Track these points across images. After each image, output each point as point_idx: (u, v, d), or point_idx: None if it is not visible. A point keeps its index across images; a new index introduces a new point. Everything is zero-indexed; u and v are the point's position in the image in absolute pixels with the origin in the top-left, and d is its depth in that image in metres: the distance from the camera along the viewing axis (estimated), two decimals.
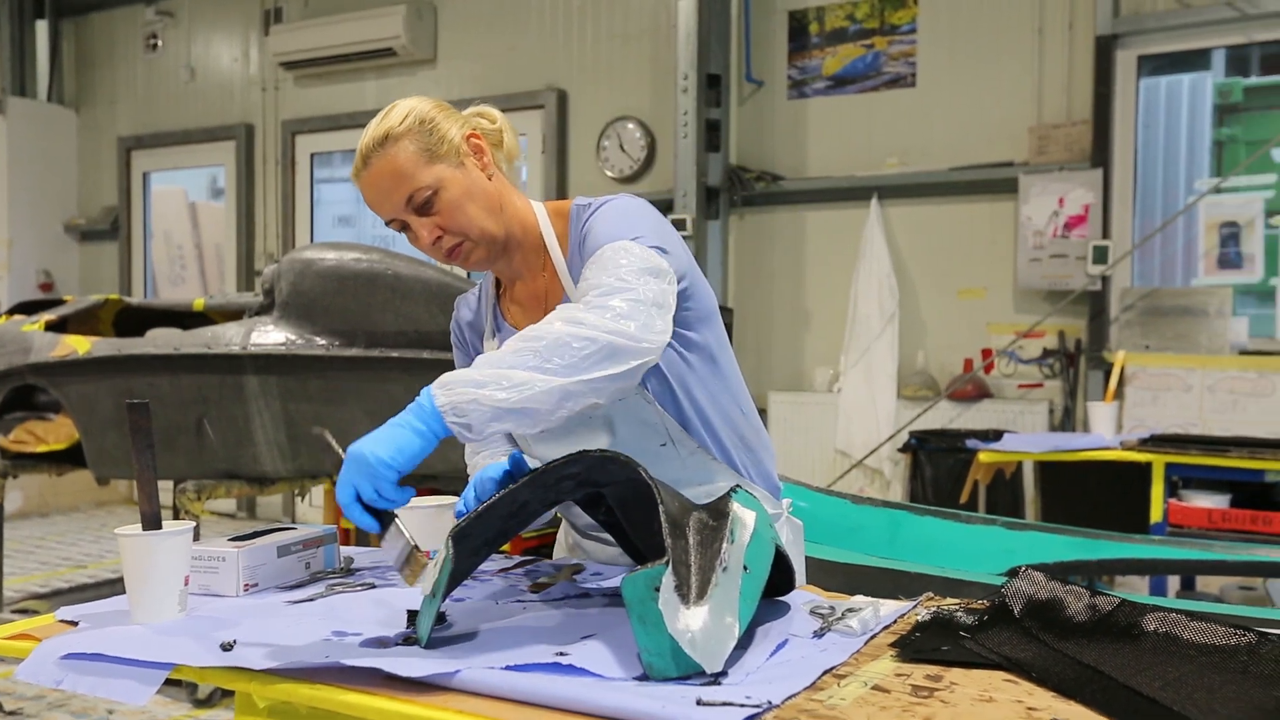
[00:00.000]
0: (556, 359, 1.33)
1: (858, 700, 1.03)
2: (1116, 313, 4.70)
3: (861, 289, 5.11)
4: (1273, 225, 4.54)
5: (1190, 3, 4.57)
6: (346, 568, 1.65)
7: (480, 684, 1.07)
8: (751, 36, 5.46)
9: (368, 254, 3.52)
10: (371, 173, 1.55)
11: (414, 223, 1.55)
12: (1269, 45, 4.63)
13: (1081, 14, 4.76)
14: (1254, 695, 1.04)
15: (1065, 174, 4.74)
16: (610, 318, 1.37)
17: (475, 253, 1.58)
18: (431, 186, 1.53)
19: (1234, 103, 4.75)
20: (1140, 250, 4.73)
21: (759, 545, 1.27)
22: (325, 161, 7.04)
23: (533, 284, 1.66)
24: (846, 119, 5.29)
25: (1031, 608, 1.29)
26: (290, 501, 6.74)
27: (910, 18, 5.15)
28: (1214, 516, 3.36)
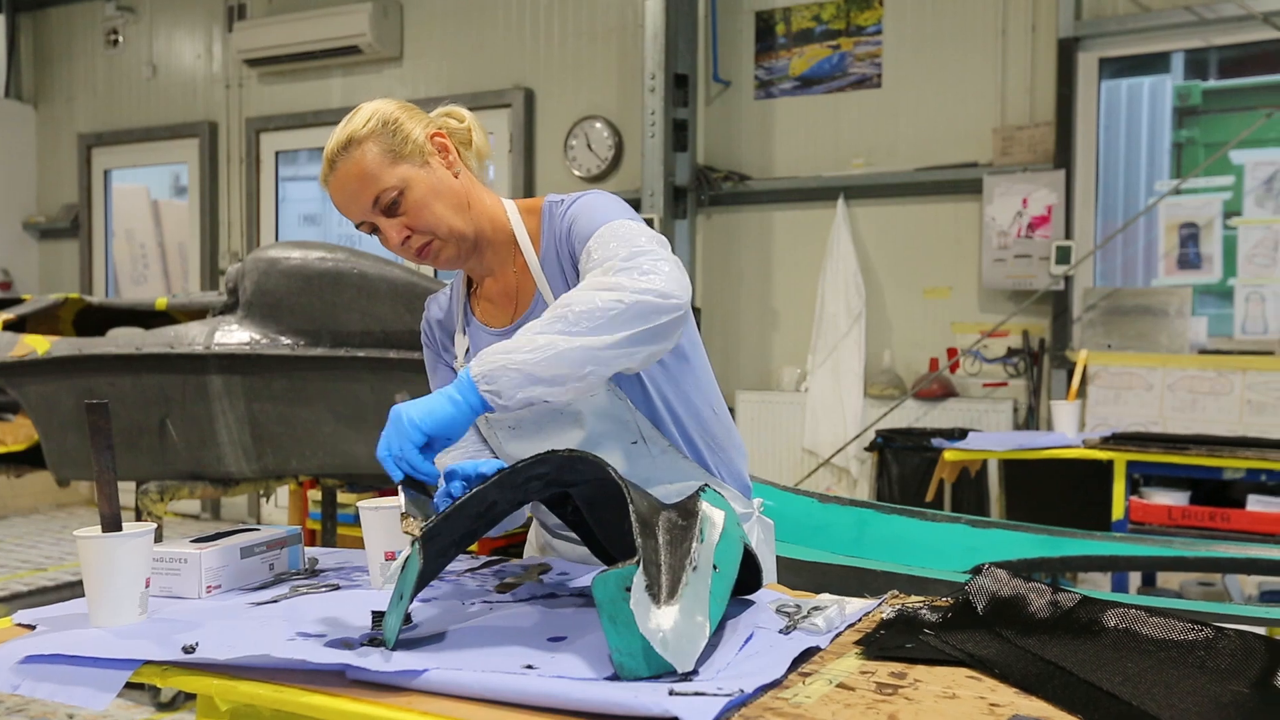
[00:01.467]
0: (585, 321, 1.34)
1: (823, 698, 1.04)
2: (1079, 312, 4.76)
3: (828, 288, 5.14)
4: (1230, 226, 4.61)
5: (1150, 6, 4.63)
6: (311, 569, 1.64)
7: (448, 684, 1.07)
8: (718, 37, 5.48)
9: (333, 253, 3.50)
10: (338, 177, 1.55)
11: (382, 224, 1.56)
12: (1227, 49, 4.70)
13: (1044, 16, 4.81)
14: (1210, 689, 1.05)
15: (1029, 175, 4.79)
16: (637, 276, 1.38)
17: (445, 251, 1.58)
18: (397, 187, 1.54)
19: (1193, 105, 4.82)
20: (1102, 251, 4.79)
21: (728, 544, 1.27)
22: (290, 160, 6.98)
23: (503, 280, 1.66)
24: (813, 119, 5.32)
25: (995, 605, 1.31)
26: (255, 502, 6.68)
27: (876, 19, 5.18)
28: (1174, 513, 3.40)
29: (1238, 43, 4.59)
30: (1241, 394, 4.20)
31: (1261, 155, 4.57)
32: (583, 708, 1.01)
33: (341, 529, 4.29)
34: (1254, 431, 4.05)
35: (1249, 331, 4.54)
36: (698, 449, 1.64)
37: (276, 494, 5.94)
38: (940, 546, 2.74)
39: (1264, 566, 2.60)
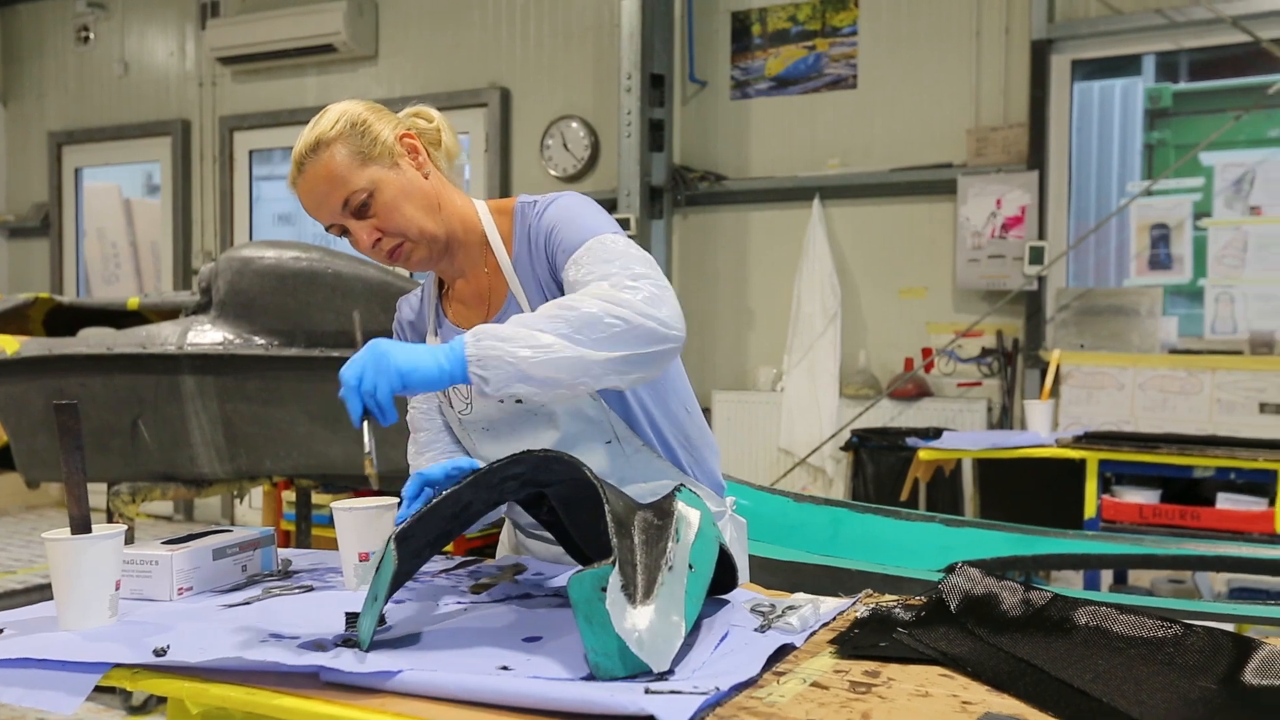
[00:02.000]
0: (588, 332, 1.34)
1: (797, 697, 1.04)
2: (1052, 312, 4.79)
3: (804, 288, 5.15)
4: (1200, 227, 4.66)
5: (1121, 9, 4.67)
6: (284, 570, 1.63)
7: (423, 685, 1.07)
8: (695, 37, 5.48)
9: (307, 252, 3.48)
10: (306, 179, 1.54)
11: (352, 226, 1.55)
12: (1197, 52, 4.75)
13: (1017, 19, 4.85)
14: (1179, 686, 1.06)
15: (1002, 176, 4.82)
16: (642, 299, 1.38)
17: (416, 252, 1.58)
18: (366, 189, 1.53)
19: (1163, 108, 4.87)
20: (1075, 251, 4.83)
21: (704, 544, 1.27)
22: (265, 159, 6.93)
23: (475, 282, 1.66)
24: (789, 120, 5.33)
25: (968, 603, 1.31)
26: (229, 504, 6.63)
27: (851, 20, 5.20)
28: (1145, 512, 3.44)
29: (1207, 46, 4.64)
30: (1211, 393, 4.24)
31: (1230, 157, 4.62)
32: (559, 707, 1.01)
33: (316, 530, 4.27)
34: (1223, 430, 4.09)
35: (1218, 331, 4.59)
36: (671, 448, 1.65)
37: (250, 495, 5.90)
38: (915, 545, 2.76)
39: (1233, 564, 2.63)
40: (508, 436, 1.61)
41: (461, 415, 1.65)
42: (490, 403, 1.60)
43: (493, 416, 1.61)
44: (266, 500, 4.64)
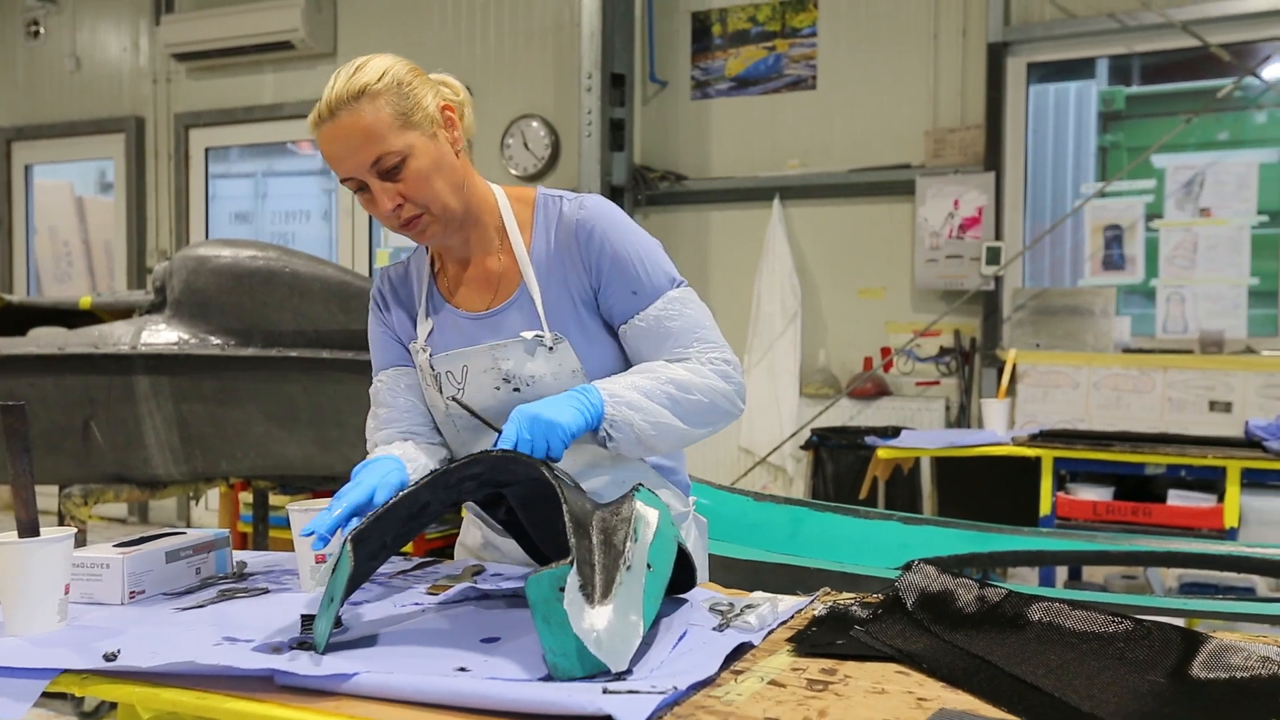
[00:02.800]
0: (693, 416, 1.53)
1: (754, 695, 1.05)
2: (1009, 312, 4.85)
3: (764, 288, 5.18)
4: (1152, 229, 4.74)
5: (1075, 13, 4.74)
6: (240, 572, 1.61)
7: (379, 687, 1.06)
8: (655, 37, 5.49)
9: (265, 251, 3.44)
10: (339, 126, 1.48)
11: (375, 187, 1.50)
12: (1148, 56, 4.82)
13: (974, 21, 4.90)
14: (1129, 680, 1.08)
15: (960, 177, 4.87)
16: (724, 381, 1.57)
17: (433, 227, 1.55)
18: (401, 153, 1.48)
19: (1117, 110, 4.94)
20: (1031, 251, 4.89)
21: (662, 543, 1.28)
22: (221, 156, 6.85)
23: (484, 265, 1.63)
24: (749, 120, 5.35)
25: (923, 600, 1.33)
26: (185, 505, 6.54)
27: (810, 21, 5.23)
28: (1099, 509, 3.49)
29: (1158, 50, 4.71)
30: (1163, 391, 4.31)
31: (1181, 159, 4.70)
32: (516, 708, 1.00)
33: (274, 532, 4.22)
34: (1174, 428, 4.16)
35: (1170, 331, 4.67)
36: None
37: (206, 496, 5.83)
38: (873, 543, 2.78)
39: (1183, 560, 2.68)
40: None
41: (449, 400, 1.62)
42: (486, 391, 1.58)
43: (485, 405, 1.59)
44: (223, 502, 4.58)
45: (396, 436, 1.66)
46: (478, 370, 1.59)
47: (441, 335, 1.63)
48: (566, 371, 1.55)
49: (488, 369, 1.58)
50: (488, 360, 1.58)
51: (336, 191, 6.46)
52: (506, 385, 1.57)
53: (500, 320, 1.59)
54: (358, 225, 6.36)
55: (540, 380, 1.56)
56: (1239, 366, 4.21)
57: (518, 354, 1.56)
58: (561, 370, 1.55)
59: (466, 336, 1.61)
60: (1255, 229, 4.57)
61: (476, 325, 1.61)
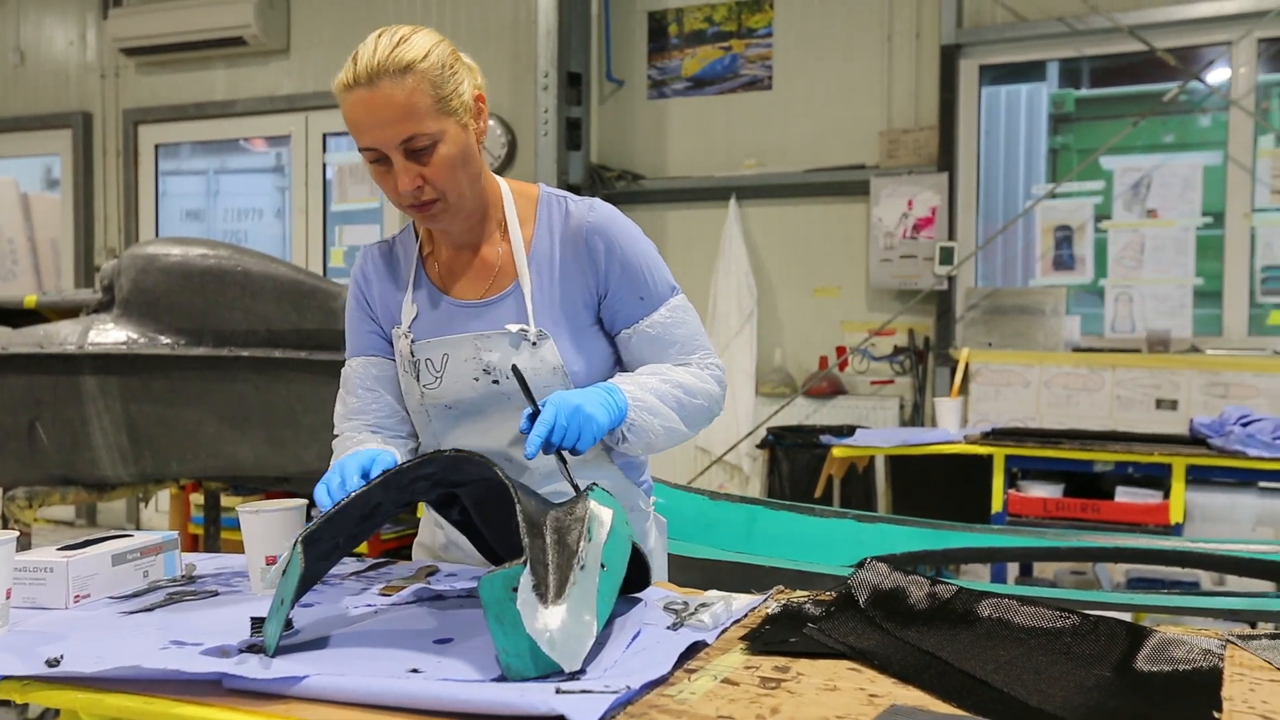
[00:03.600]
0: (692, 418, 1.58)
1: (708, 694, 1.05)
2: (961, 311, 4.90)
3: (721, 288, 5.20)
4: (1101, 229, 4.81)
5: (1026, 16, 4.80)
6: (189, 575, 1.59)
7: (329, 690, 1.05)
8: (611, 36, 5.49)
9: (215, 250, 3.40)
10: (377, 95, 1.44)
11: (399, 164, 1.47)
12: (1097, 60, 4.90)
13: (927, 23, 4.95)
14: (1076, 675, 1.10)
15: (913, 177, 4.91)
16: (719, 386, 1.64)
17: (445, 215, 1.53)
18: (434, 136, 1.47)
19: (1067, 113, 5.01)
20: (983, 252, 4.95)
21: (616, 542, 1.27)
22: (172, 153, 6.75)
23: (481, 255, 1.62)
24: (705, 120, 5.36)
25: (876, 597, 1.34)
26: (134, 507, 6.44)
27: (766, 21, 5.25)
28: (1049, 505, 3.54)
29: (1107, 54, 4.79)
30: (1111, 390, 4.38)
31: (1129, 161, 4.78)
32: (468, 709, 1.00)
33: (225, 533, 4.17)
34: (1122, 426, 4.23)
35: (1118, 330, 4.75)
36: (616, 452, 1.65)
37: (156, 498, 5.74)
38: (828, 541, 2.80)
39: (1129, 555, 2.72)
40: (471, 417, 1.58)
41: (427, 389, 1.59)
42: (464, 382, 1.57)
43: (462, 395, 1.58)
44: (173, 503, 4.51)
45: (364, 429, 1.65)
46: (458, 359, 1.57)
47: (425, 321, 1.61)
48: (548, 368, 1.55)
49: (469, 359, 1.56)
50: (470, 350, 1.56)
51: (290, 189, 6.39)
52: (486, 377, 1.56)
53: (491, 311, 1.58)
54: (311, 224, 6.29)
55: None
56: (1184, 365, 4.29)
57: (502, 346, 1.55)
58: (543, 367, 1.55)
59: (451, 324, 1.60)
60: (1200, 230, 4.66)
61: (465, 314, 1.60)
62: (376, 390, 1.66)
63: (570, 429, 1.39)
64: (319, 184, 6.27)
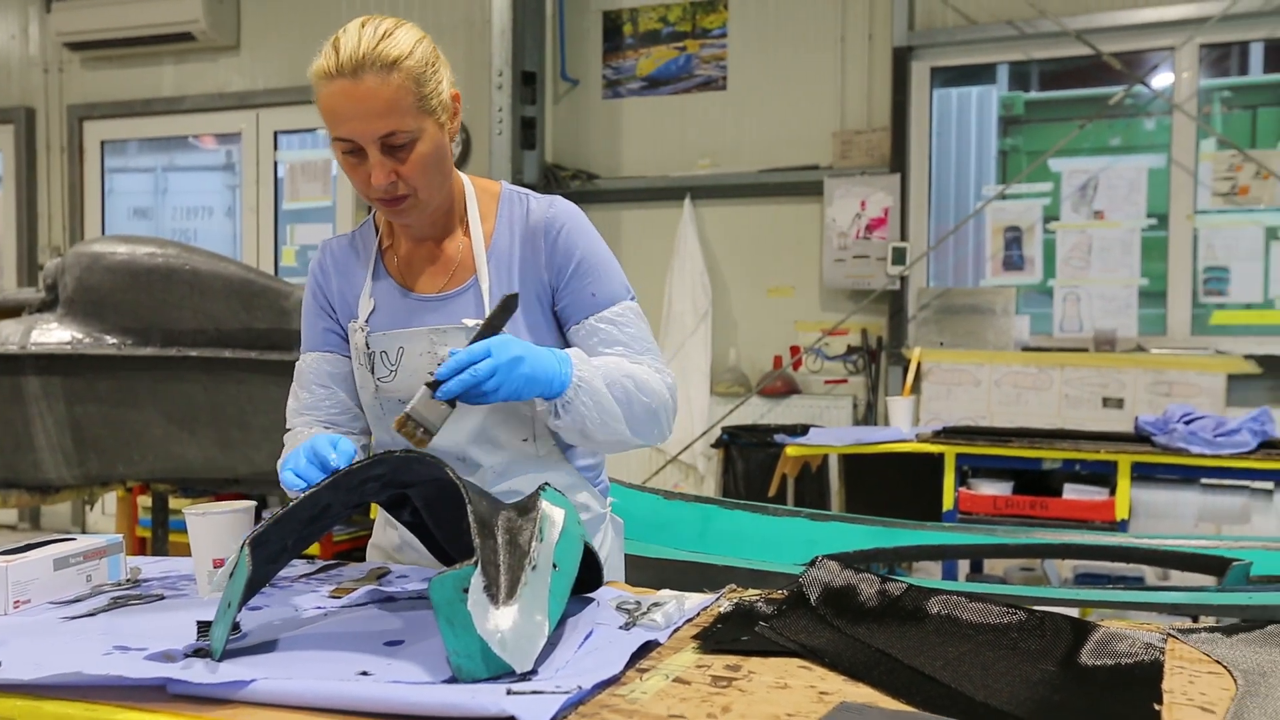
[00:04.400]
0: (637, 421, 1.54)
1: (659, 693, 1.05)
2: (914, 311, 4.95)
3: (676, 287, 5.21)
4: (1050, 230, 4.89)
5: (976, 19, 4.86)
6: (133, 579, 1.56)
7: (276, 694, 1.03)
8: (566, 35, 5.48)
9: (164, 248, 3.35)
10: (360, 88, 1.42)
11: (374, 158, 1.46)
12: (1045, 63, 4.98)
13: (880, 25, 4.99)
14: (1023, 670, 1.11)
15: (866, 178, 4.96)
16: (670, 395, 1.61)
17: (414, 211, 1.53)
18: (414, 134, 1.46)
19: (1016, 115, 5.08)
20: (935, 252, 5.00)
21: (568, 542, 1.27)
22: (118, 150, 6.64)
23: (441, 249, 1.62)
24: (660, 119, 5.37)
25: (827, 595, 1.35)
26: (79, 510, 6.33)
27: (721, 22, 5.27)
28: (999, 503, 3.58)
29: (1055, 57, 4.86)
30: (1060, 389, 4.45)
31: (1076, 164, 4.85)
32: (418, 711, 0.99)
33: (174, 536, 4.10)
34: (1070, 424, 4.30)
35: (1066, 330, 4.82)
36: (574, 451, 1.65)
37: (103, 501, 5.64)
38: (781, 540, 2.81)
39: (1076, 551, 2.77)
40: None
41: (381, 382, 1.59)
42: (419, 376, 1.55)
43: (415, 390, 1.56)
44: (121, 506, 4.44)
45: (316, 424, 1.65)
46: (414, 353, 1.57)
47: (382, 314, 1.62)
48: None
49: (424, 352, 1.57)
50: (425, 344, 1.57)
51: (240, 188, 6.31)
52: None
53: (448, 305, 1.59)
54: (263, 223, 6.22)
55: None
56: (1130, 364, 4.37)
57: (458, 340, 1.55)
58: None
59: (409, 318, 1.60)
60: (1144, 232, 4.74)
61: (423, 308, 1.60)
62: (330, 386, 1.66)
63: (494, 379, 1.37)
64: (270, 182, 6.20)
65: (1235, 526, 3.43)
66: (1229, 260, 4.62)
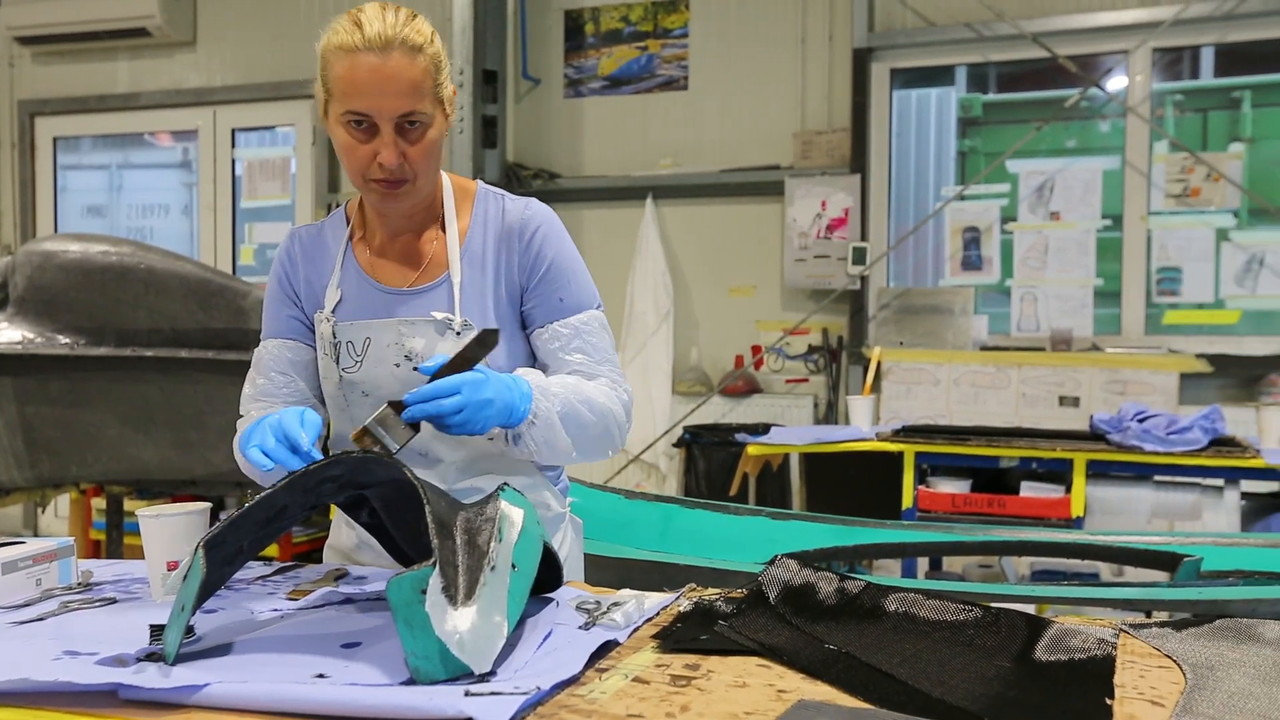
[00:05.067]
0: (587, 437, 1.55)
1: (618, 693, 1.05)
2: (874, 311, 4.99)
3: (638, 287, 5.21)
4: (1007, 231, 4.94)
5: (935, 21, 4.91)
6: (85, 582, 1.54)
7: (231, 698, 1.02)
8: (527, 34, 5.46)
9: (118, 246, 3.30)
10: (389, 64, 1.45)
11: (388, 135, 1.47)
12: (1003, 65, 5.03)
13: (840, 27, 5.02)
14: (979, 666, 1.12)
15: (827, 178, 4.99)
16: (624, 413, 1.62)
17: (407, 198, 1.54)
18: (428, 119, 1.49)
19: (974, 117, 5.13)
20: (895, 252, 5.04)
21: (527, 543, 1.27)
22: (71, 146, 6.53)
23: (414, 243, 1.62)
24: (622, 119, 5.37)
25: (786, 594, 1.35)
26: (31, 513, 6.22)
27: (683, 22, 5.28)
28: (957, 501, 3.62)
29: (1012, 60, 4.92)
30: (1017, 387, 4.50)
31: (1033, 165, 4.91)
32: (375, 714, 0.98)
33: (129, 539, 4.05)
34: (1027, 422, 4.35)
35: (1023, 329, 4.88)
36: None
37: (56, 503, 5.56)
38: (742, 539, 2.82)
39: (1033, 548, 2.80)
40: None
41: (346, 372, 1.59)
42: (385, 367, 1.57)
43: (381, 381, 1.57)
44: (74, 508, 4.38)
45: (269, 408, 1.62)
46: (380, 344, 1.57)
47: (349, 305, 1.62)
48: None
49: (391, 344, 1.57)
50: (393, 335, 1.57)
51: (197, 186, 6.23)
52: (408, 363, 1.56)
53: (417, 300, 1.59)
54: (220, 221, 6.14)
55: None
56: (1085, 363, 4.43)
57: (428, 334, 1.56)
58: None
59: (377, 309, 1.60)
60: (1100, 232, 4.81)
61: (391, 300, 1.60)
62: (289, 374, 1.66)
63: (460, 415, 1.38)
64: (228, 180, 6.13)
65: (1187, 523, 3.49)
66: (1181, 261, 4.70)
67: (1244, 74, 4.74)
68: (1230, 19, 4.55)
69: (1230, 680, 1.08)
